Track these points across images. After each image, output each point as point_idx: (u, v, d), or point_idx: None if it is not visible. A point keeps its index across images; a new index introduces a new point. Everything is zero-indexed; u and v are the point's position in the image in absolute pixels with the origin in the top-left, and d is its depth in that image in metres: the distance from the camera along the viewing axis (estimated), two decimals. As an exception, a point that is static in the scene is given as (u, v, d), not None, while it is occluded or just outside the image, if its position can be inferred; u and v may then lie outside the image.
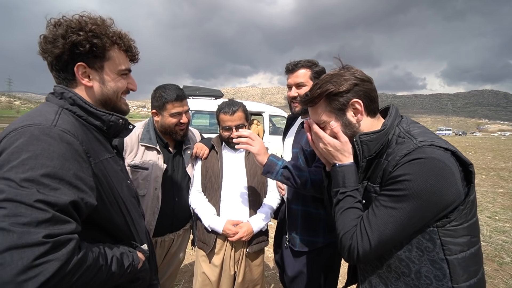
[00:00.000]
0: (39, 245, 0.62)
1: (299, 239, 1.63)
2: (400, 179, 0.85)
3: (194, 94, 7.21)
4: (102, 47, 0.93)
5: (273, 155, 1.51)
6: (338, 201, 1.01)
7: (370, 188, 1.01)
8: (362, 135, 0.98)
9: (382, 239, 0.88)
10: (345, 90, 0.98)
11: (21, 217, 0.63)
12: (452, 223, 0.86)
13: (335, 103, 1.00)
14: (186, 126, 1.81)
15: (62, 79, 0.95)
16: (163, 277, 1.90)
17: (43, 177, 0.69)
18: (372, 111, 1.03)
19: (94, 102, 0.98)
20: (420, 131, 0.96)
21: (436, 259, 0.88)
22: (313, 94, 1.03)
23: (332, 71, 1.05)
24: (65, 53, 0.89)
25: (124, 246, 0.95)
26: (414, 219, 0.85)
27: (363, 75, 1.01)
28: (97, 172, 0.87)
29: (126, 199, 1.01)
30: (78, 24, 0.90)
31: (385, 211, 0.88)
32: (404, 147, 0.90)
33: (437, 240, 0.87)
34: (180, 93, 1.73)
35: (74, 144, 0.79)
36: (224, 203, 1.82)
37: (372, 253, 0.90)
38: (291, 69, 1.67)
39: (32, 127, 0.75)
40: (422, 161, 0.83)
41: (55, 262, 0.64)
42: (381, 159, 0.97)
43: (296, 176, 1.42)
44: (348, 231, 0.94)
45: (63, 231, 0.67)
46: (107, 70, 0.97)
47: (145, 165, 1.69)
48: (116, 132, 1.07)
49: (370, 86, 1.01)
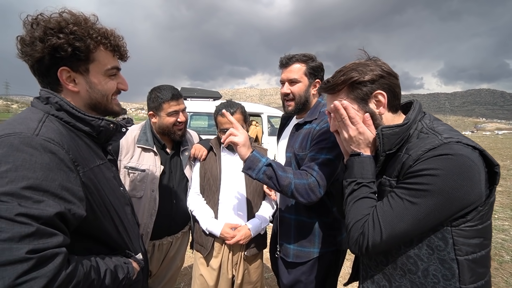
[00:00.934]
0: (22, 261, 0.58)
1: (292, 249, 1.55)
2: (423, 173, 0.82)
3: (192, 96, 7.19)
4: (86, 49, 0.86)
5: (257, 151, 1.36)
6: (352, 191, 0.98)
7: (385, 182, 0.97)
8: (384, 128, 0.94)
9: (395, 233, 0.85)
10: (370, 80, 0.94)
11: (2, 232, 0.59)
12: (468, 224, 0.83)
13: (357, 92, 0.97)
14: (184, 125, 1.80)
15: (46, 83, 0.89)
16: (162, 281, 1.87)
17: (24, 190, 0.64)
18: (394, 107, 1.00)
19: (83, 107, 0.93)
20: (444, 128, 0.92)
21: (446, 259, 0.85)
22: (335, 81, 0.99)
23: (358, 60, 1.01)
24: (45, 57, 0.82)
25: (119, 257, 0.92)
26: (431, 215, 0.82)
27: (389, 69, 0.98)
28: (86, 181, 0.83)
29: (118, 208, 0.98)
30: (57, 24, 0.82)
31: (401, 204, 0.85)
32: (428, 142, 0.86)
33: (449, 239, 0.85)
34: (176, 92, 1.73)
35: (59, 153, 0.75)
36: (222, 206, 1.80)
37: (382, 245, 0.87)
38: (285, 64, 1.56)
39: (12, 137, 0.70)
40: (450, 157, 0.80)
41: (40, 279, 0.60)
42: (399, 153, 0.94)
43: (279, 177, 1.27)
44: (360, 219, 0.92)
45: (49, 245, 0.64)
46: (94, 73, 0.91)
47: (142, 166, 1.67)
48: (108, 137, 1.02)
49: (396, 81, 0.98)
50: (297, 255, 1.53)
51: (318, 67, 1.56)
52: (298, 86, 1.54)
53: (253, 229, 1.74)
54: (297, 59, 1.54)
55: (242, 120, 1.76)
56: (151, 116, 1.77)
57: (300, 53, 1.56)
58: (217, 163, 1.83)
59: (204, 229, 1.76)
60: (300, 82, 1.54)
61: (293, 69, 1.54)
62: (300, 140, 1.52)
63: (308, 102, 1.58)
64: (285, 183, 1.27)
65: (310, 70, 1.54)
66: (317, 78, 1.57)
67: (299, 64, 1.54)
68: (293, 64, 1.54)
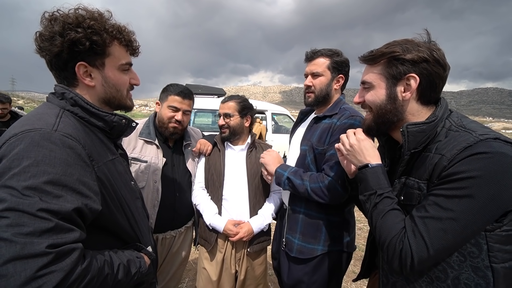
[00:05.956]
0: (42, 255, 0.61)
1: (296, 244, 1.54)
2: (462, 176, 0.74)
3: (196, 93, 7.22)
4: (102, 44, 0.89)
5: (281, 166, 1.53)
6: (375, 204, 0.91)
7: (412, 184, 0.89)
8: (410, 125, 0.88)
9: (444, 245, 0.77)
10: (410, 60, 0.87)
11: (24, 227, 0.62)
12: (503, 228, 0.76)
13: (393, 69, 0.91)
14: (181, 126, 1.76)
15: (62, 78, 0.91)
16: (166, 278, 1.88)
17: (46, 185, 0.67)
18: (426, 98, 0.92)
19: (97, 101, 0.96)
20: (475, 125, 0.85)
21: (480, 266, 0.78)
22: (377, 51, 0.94)
23: (414, 38, 0.93)
24: (64, 51, 0.85)
25: (132, 252, 0.94)
26: (478, 222, 0.75)
27: (440, 57, 0.88)
28: (101, 175, 0.85)
29: (130, 201, 1.00)
30: (76, 19, 0.85)
31: (444, 214, 0.77)
32: (463, 140, 0.79)
33: (484, 245, 0.78)
34: (186, 91, 1.75)
35: (77, 149, 0.77)
36: (225, 202, 1.82)
37: (430, 260, 0.79)
38: (310, 57, 1.57)
39: (32, 132, 0.72)
40: (489, 155, 0.73)
41: (58, 272, 0.63)
42: (428, 153, 0.87)
43: (297, 186, 1.44)
44: (396, 235, 0.84)
45: (66, 240, 0.66)
46: (109, 67, 0.94)
47: (144, 157, 1.70)
48: (120, 132, 1.04)
49: (440, 71, 0.89)
50: (301, 250, 1.53)
51: (343, 63, 1.54)
52: (320, 80, 1.55)
53: (256, 226, 1.76)
54: (322, 53, 1.54)
55: (235, 110, 1.83)
56: (157, 105, 1.83)
57: (326, 48, 1.56)
58: (220, 159, 1.84)
59: (207, 224, 1.78)
60: (323, 76, 1.54)
61: (317, 63, 1.55)
62: (319, 134, 1.51)
63: (329, 96, 1.57)
64: (302, 190, 1.43)
65: (334, 65, 1.53)
66: (340, 73, 1.56)
67: (323, 58, 1.54)
68: (317, 58, 1.55)
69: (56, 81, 0.93)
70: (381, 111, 0.97)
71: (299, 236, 1.54)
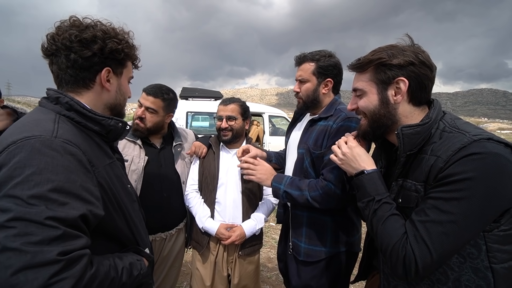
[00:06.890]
0: (53, 263, 0.62)
1: (303, 247, 1.52)
2: (458, 177, 0.75)
3: (193, 96, 7.21)
4: (126, 56, 0.98)
5: (275, 178, 1.50)
6: (375, 211, 0.92)
7: (410, 186, 0.90)
8: (405, 127, 0.89)
9: (446, 249, 0.77)
10: (397, 65, 0.90)
11: (32, 236, 0.62)
12: (501, 228, 0.77)
13: (381, 75, 0.93)
14: (143, 124, 1.71)
15: (79, 78, 0.90)
16: (159, 279, 1.83)
17: (50, 193, 0.67)
18: (417, 99, 0.94)
19: (103, 105, 0.98)
20: (468, 125, 0.87)
21: (480, 267, 0.79)
22: (364, 59, 0.96)
23: (398, 43, 0.96)
24: (97, 55, 0.89)
25: (132, 255, 0.95)
26: (478, 223, 0.76)
27: (426, 58, 0.91)
28: (101, 180, 0.86)
29: (127, 204, 1.01)
30: (113, 31, 0.94)
31: (445, 217, 0.77)
32: (457, 141, 0.80)
33: (482, 246, 0.78)
34: (153, 88, 1.72)
35: (77, 155, 0.77)
36: (218, 205, 1.81)
37: (434, 265, 0.79)
38: (297, 62, 1.58)
39: (32, 140, 0.71)
40: (483, 156, 0.74)
41: (69, 279, 0.63)
42: (424, 155, 0.88)
43: (296, 197, 1.42)
44: (398, 241, 0.84)
45: (75, 246, 0.67)
46: (123, 77, 1.02)
47: (126, 157, 1.67)
48: (117, 136, 1.05)
49: (428, 72, 0.91)
50: (308, 253, 1.52)
51: (329, 66, 1.51)
52: (306, 86, 1.55)
53: (248, 230, 1.75)
54: (307, 58, 1.53)
55: (237, 112, 1.81)
56: None
57: (313, 51, 1.54)
58: (215, 161, 1.83)
59: (200, 227, 1.78)
60: (309, 82, 1.54)
61: (303, 69, 1.55)
62: (315, 137, 1.49)
63: (318, 101, 1.55)
64: (302, 200, 1.41)
65: (320, 70, 1.51)
66: (328, 77, 1.53)
67: (308, 64, 1.53)
68: (303, 63, 1.54)
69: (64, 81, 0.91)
70: (376, 116, 0.99)
71: (305, 239, 1.53)
